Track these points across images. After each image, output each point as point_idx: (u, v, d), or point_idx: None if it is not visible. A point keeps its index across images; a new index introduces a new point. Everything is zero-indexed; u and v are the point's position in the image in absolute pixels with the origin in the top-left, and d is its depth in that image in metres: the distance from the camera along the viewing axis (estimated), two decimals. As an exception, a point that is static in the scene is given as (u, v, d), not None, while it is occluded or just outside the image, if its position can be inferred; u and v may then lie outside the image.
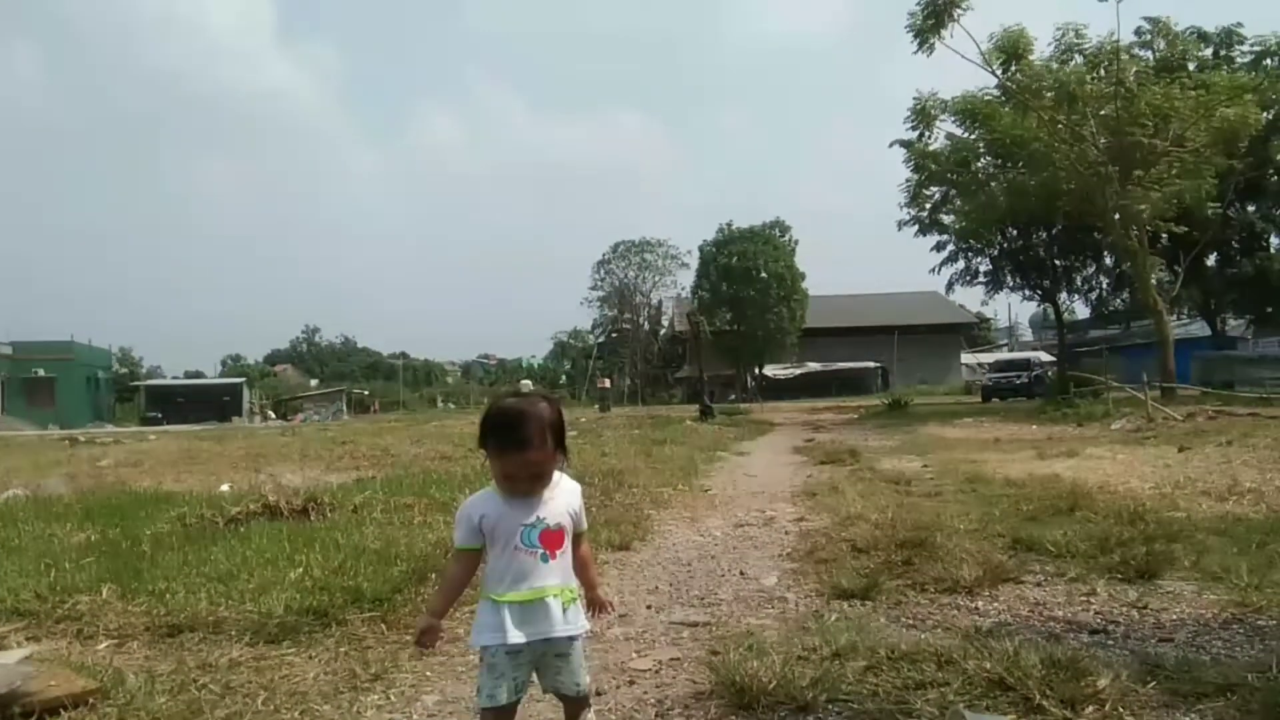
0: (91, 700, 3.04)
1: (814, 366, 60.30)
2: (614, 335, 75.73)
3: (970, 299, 66.80)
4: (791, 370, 60.15)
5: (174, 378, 78.86)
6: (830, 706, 2.95)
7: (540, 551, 2.37)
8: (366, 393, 72.59)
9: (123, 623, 4.12)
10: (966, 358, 65.29)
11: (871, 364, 61.13)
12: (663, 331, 74.23)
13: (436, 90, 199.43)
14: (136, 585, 4.67)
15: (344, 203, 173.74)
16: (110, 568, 5.13)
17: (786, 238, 58.29)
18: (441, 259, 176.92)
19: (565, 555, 2.41)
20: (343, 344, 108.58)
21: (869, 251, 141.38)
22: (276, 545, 5.60)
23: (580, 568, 2.52)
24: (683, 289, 68.14)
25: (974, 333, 74.44)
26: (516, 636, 2.30)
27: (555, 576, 2.38)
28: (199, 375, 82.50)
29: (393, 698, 3.23)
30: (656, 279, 72.56)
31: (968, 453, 12.28)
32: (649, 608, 4.44)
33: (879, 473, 10.01)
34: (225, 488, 9.75)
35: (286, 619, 3.94)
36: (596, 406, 41.70)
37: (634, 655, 3.68)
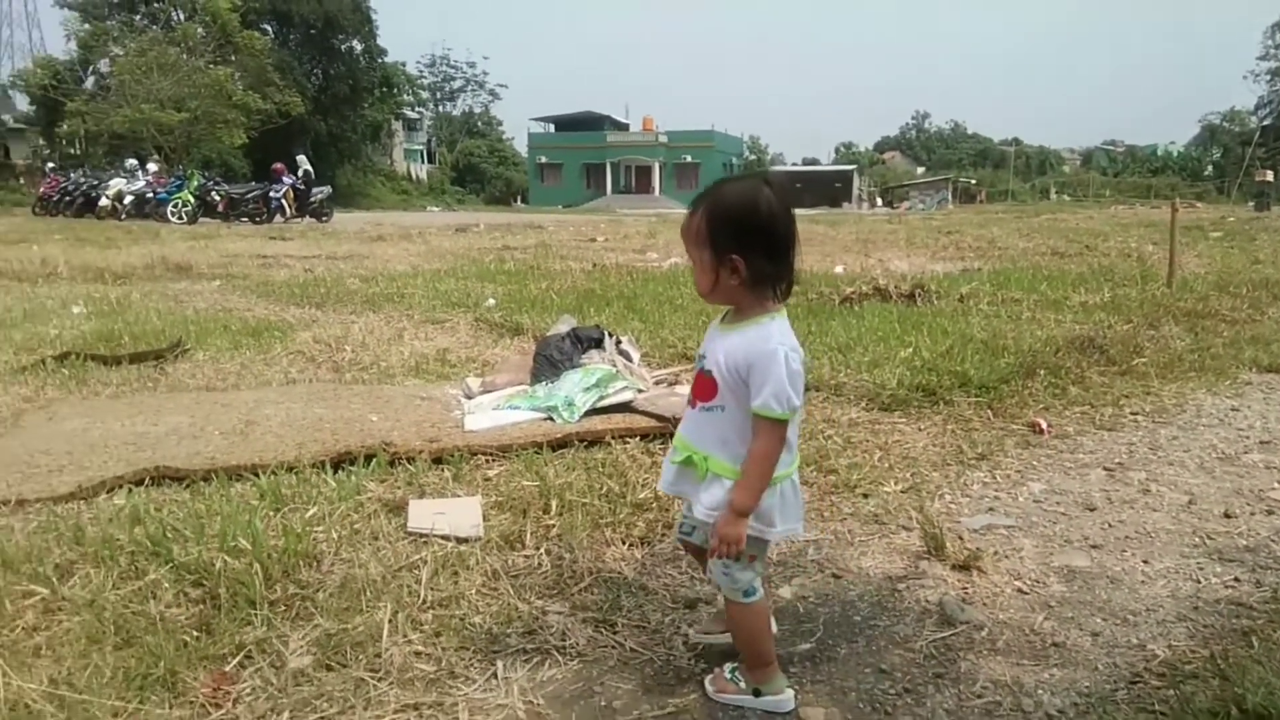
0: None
1: None
2: (1289, 115, 60.82)
3: None
4: None
5: (793, 164, 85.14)
6: None
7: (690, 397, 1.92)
8: (973, 181, 70.22)
9: (764, 375, 4.88)
10: None
11: None
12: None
13: None
14: (773, 346, 5.46)
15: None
16: (752, 329, 6.05)
17: None
18: (1059, 28, 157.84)
19: (711, 413, 1.84)
20: (951, 130, 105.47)
21: None
22: (887, 325, 6.04)
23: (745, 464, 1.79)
24: None
25: None
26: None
27: (690, 431, 1.89)
28: (814, 162, 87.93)
29: (998, 478, 3.36)
30: (1367, 38, 55.72)
31: None
32: (1302, 439, 3.85)
33: None
34: (839, 269, 10.53)
35: (898, 392, 4.29)
36: (1251, 204, 34.84)
37: (1274, 485, 3.28)
